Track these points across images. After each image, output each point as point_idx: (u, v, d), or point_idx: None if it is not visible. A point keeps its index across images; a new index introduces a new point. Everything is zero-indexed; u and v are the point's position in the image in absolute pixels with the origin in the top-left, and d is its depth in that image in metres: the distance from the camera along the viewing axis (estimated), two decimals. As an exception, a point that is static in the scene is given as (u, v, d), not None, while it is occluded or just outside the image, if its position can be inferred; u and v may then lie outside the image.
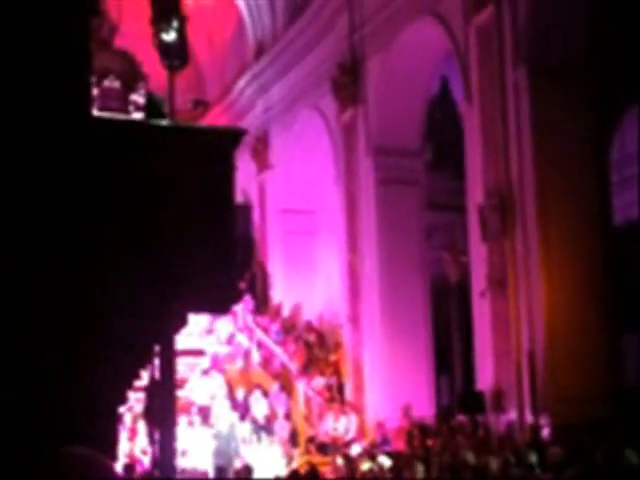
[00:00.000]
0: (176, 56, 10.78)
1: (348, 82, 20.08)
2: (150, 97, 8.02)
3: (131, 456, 15.71)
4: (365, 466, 13.99)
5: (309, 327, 21.40)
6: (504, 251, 15.05)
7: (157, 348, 5.95)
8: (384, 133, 19.49)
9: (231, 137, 5.82)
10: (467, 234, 16.84)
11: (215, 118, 25.55)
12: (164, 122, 6.62)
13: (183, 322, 5.39)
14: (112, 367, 4.97)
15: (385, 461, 13.60)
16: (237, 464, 14.81)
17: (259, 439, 17.30)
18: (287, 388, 19.40)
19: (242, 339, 21.17)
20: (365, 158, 19.75)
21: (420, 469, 10.83)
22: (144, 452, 15.21)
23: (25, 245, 4.41)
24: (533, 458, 10.68)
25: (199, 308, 6.45)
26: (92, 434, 4.19)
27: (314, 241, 23.75)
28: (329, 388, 19.14)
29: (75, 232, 4.61)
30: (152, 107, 7.11)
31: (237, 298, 6.55)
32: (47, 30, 4.55)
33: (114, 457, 4.93)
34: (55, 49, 4.61)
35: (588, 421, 12.67)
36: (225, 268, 5.46)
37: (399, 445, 16.69)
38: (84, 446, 1.58)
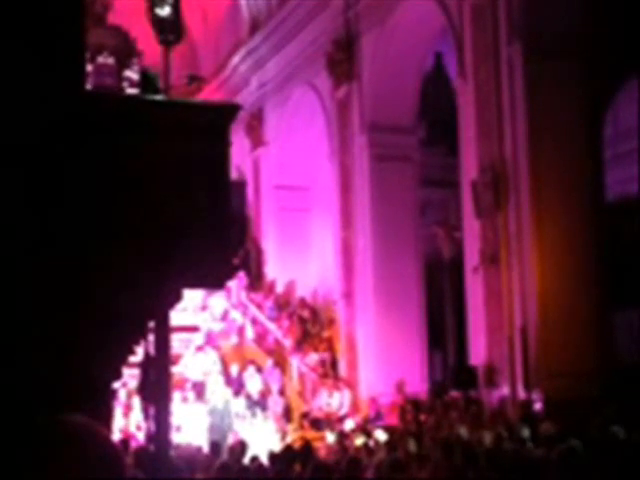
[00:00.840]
0: (170, 31, 10.73)
1: (343, 58, 20.02)
2: (144, 72, 8.00)
3: (125, 432, 15.77)
4: (359, 441, 14.07)
5: (303, 303, 21.44)
6: (497, 227, 15.09)
7: (152, 324, 5.98)
8: (378, 109, 19.46)
9: (226, 112, 5.81)
10: (460, 210, 16.87)
11: (209, 94, 25.45)
12: (159, 97, 6.61)
13: (178, 298, 5.40)
14: (106, 342, 4.99)
15: (380, 435, 13.67)
16: (230, 439, 14.88)
17: (253, 415, 17.37)
18: (281, 364, 19.47)
19: (236, 315, 21.21)
20: (359, 134, 19.73)
21: (412, 444, 10.90)
22: (138, 428, 15.28)
23: (19, 222, 4.41)
24: (525, 433, 10.75)
25: (194, 284, 6.46)
26: (86, 409, 4.22)
27: (308, 217, 23.75)
28: (323, 364, 19.20)
29: (69, 209, 4.61)
30: (147, 82, 7.08)
31: (231, 274, 6.57)
32: (40, 6, 4.53)
33: (109, 431, 4.95)
34: (48, 25, 4.59)
35: (580, 396, 12.77)
36: (220, 244, 5.47)
37: (392, 420, 16.79)
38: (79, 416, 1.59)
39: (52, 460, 1.49)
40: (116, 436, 13.98)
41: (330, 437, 15.54)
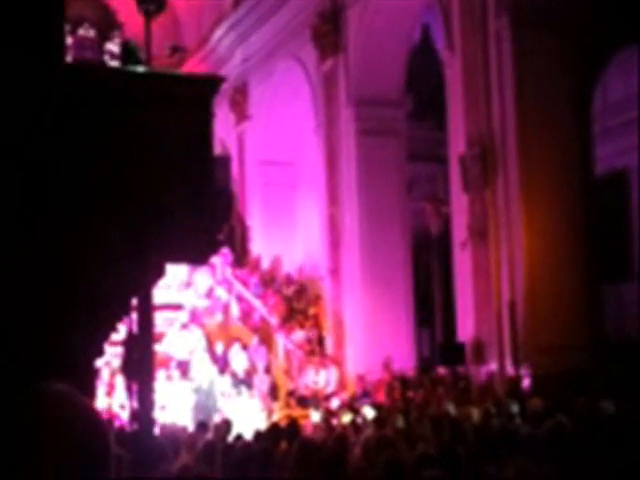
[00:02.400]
0: (151, 1, 10.55)
1: (328, 31, 19.80)
2: (126, 44, 7.82)
3: (109, 411, 15.66)
4: (346, 418, 14.01)
5: (289, 280, 21.34)
6: (485, 201, 15.01)
7: (135, 302, 5.84)
8: (365, 83, 19.29)
9: (209, 84, 5.69)
10: (448, 185, 16.77)
11: (192, 68, 25.19)
12: (140, 69, 6.44)
13: (160, 273, 5.29)
14: (89, 319, 4.87)
15: (368, 413, 13.61)
16: (216, 418, 14.79)
17: (239, 393, 17.29)
18: (267, 341, 19.38)
19: (221, 292, 21.08)
20: (345, 108, 19.56)
21: (400, 421, 10.83)
22: (122, 407, 15.17)
23: (2, 198, 4.29)
24: (514, 408, 10.71)
25: (177, 258, 6.34)
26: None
27: (294, 193, 23.61)
28: (309, 341, 19.12)
29: (51, 184, 4.50)
30: (128, 54, 6.92)
31: (216, 249, 6.45)
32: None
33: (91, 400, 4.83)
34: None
35: (568, 371, 12.76)
36: (204, 219, 5.36)
37: (379, 398, 16.74)
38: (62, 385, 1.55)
39: (35, 426, 1.48)
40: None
41: (317, 415, 15.48)
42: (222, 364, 18.44)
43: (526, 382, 13.34)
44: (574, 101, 15.08)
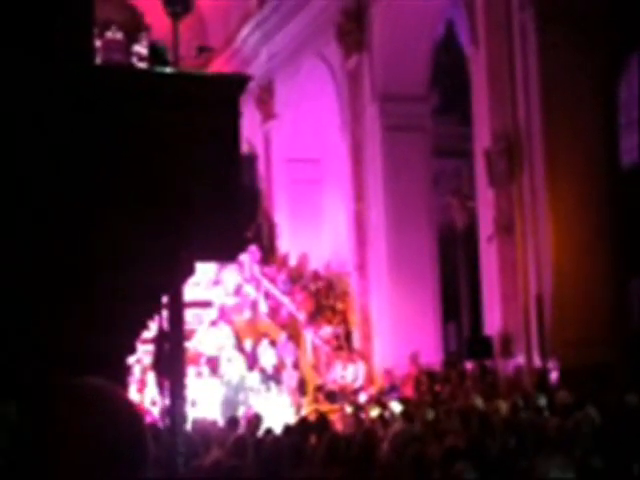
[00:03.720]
0: (178, 3, 10.65)
1: (353, 28, 19.84)
2: (153, 45, 7.92)
3: (141, 407, 15.82)
4: (374, 413, 14.07)
5: (316, 276, 21.41)
6: (511, 196, 14.99)
7: (165, 299, 5.94)
8: (390, 79, 19.31)
9: (236, 83, 5.76)
10: (474, 179, 16.77)
11: (219, 67, 25.29)
12: (168, 70, 6.54)
13: (191, 271, 5.37)
14: (121, 317, 4.97)
15: (396, 407, 13.66)
16: (241, 413, 14.88)
17: (267, 389, 17.39)
18: (295, 338, 19.46)
19: (249, 290, 21.18)
20: (371, 105, 19.59)
21: (429, 415, 10.88)
22: (153, 403, 15.31)
23: (32, 196, 4.38)
24: (542, 402, 10.73)
25: (206, 257, 6.43)
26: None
27: (320, 190, 23.66)
28: (337, 337, 19.19)
29: (82, 183, 4.58)
30: (156, 55, 7.02)
31: (244, 246, 6.55)
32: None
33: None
34: (57, 1, 4.54)
35: (595, 365, 12.73)
36: (232, 217, 5.43)
37: (407, 392, 16.77)
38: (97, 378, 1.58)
39: (73, 421, 1.48)
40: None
41: (345, 409, 15.54)
42: (251, 360, 18.55)
43: (554, 375, 13.33)
44: (599, 93, 15.02)
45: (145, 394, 16.50)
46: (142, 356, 15.20)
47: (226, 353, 18.42)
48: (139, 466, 1.52)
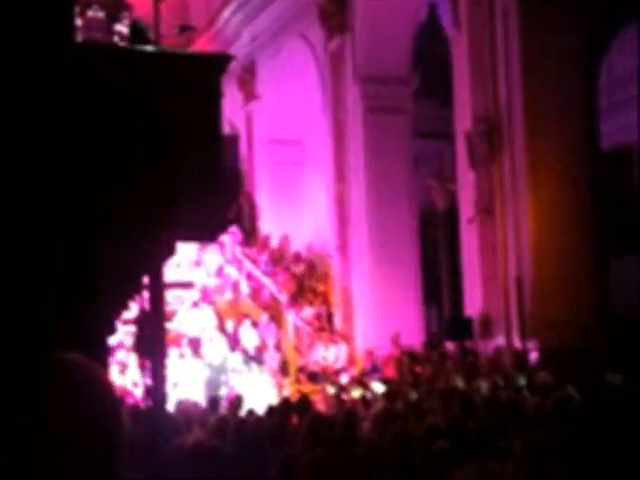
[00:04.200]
0: (159, -18, 10.58)
1: (335, 10, 19.78)
2: (135, 23, 7.89)
3: (122, 389, 15.82)
4: (356, 393, 14.14)
5: (297, 258, 21.44)
6: (492, 177, 15.05)
7: (146, 280, 5.93)
8: (372, 61, 19.29)
9: (218, 62, 5.73)
10: (455, 161, 16.81)
11: (201, 48, 25.17)
12: (149, 48, 6.51)
13: (171, 251, 5.37)
14: (101, 295, 4.95)
15: (378, 388, 13.72)
16: (223, 393, 14.91)
17: (250, 369, 17.43)
18: (277, 319, 19.51)
19: (231, 271, 21.20)
20: (352, 87, 19.58)
21: (410, 395, 10.95)
22: (135, 385, 15.31)
23: (16, 177, 4.36)
24: (521, 382, 10.82)
25: (187, 236, 6.43)
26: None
27: (302, 171, 23.65)
28: (318, 318, 19.25)
29: (61, 165, 4.56)
30: (137, 33, 6.99)
31: (225, 227, 6.55)
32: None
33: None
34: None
35: (576, 345, 12.84)
36: (213, 196, 5.42)
37: (389, 373, 16.85)
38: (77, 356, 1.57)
39: (49, 394, 1.48)
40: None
41: (332, 389, 15.61)
42: (233, 341, 18.59)
43: (533, 356, 13.43)
44: (580, 76, 15.06)
45: (127, 376, 16.51)
46: (124, 337, 15.20)
47: (208, 334, 18.45)
48: (114, 440, 1.52)
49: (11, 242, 4.31)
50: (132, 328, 8.21)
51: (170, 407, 8.98)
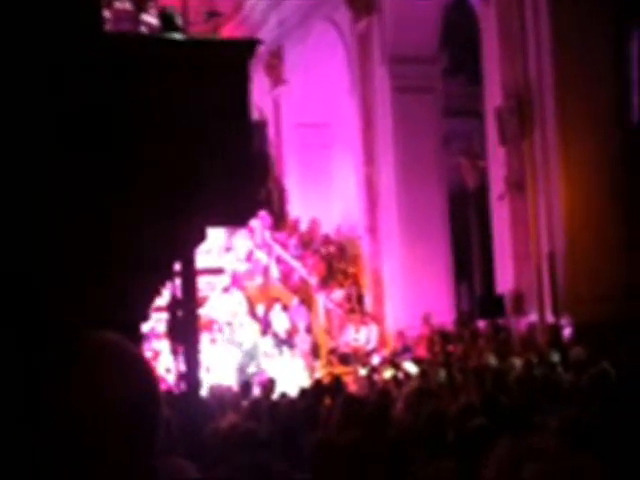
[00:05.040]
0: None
1: (362, -10, 19.70)
2: (163, 12, 7.91)
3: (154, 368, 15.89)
4: (388, 374, 14.15)
5: (327, 240, 21.45)
6: (523, 154, 14.92)
7: (177, 267, 5.96)
8: (399, 41, 19.17)
9: (246, 47, 5.74)
10: (484, 139, 16.70)
11: (229, 34, 25.14)
12: (178, 36, 6.52)
13: (202, 237, 5.40)
14: (134, 284, 4.99)
15: (411, 367, 13.72)
16: (254, 378, 14.98)
17: (281, 353, 17.49)
18: (307, 302, 19.54)
19: (261, 255, 21.24)
20: (380, 67, 19.48)
21: (442, 374, 10.93)
22: (168, 371, 15.41)
23: (42, 166, 4.39)
24: (555, 358, 10.75)
25: (218, 222, 6.46)
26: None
27: (330, 154, 23.61)
28: (349, 299, 19.26)
29: (93, 151, 4.59)
30: (166, 22, 7.02)
31: (254, 211, 6.56)
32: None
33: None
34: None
35: (609, 319, 12.70)
36: (242, 181, 5.44)
37: (420, 352, 16.84)
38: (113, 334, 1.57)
39: (87, 372, 1.47)
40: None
41: (359, 372, 15.64)
42: (264, 325, 18.66)
43: (567, 332, 13.34)
44: (612, 48, 14.83)
45: (159, 362, 16.62)
46: (156, 324, 15.29)
47: (239, 319, 18.52)
48: (154, 423, 1.51)
49: (41, 236, 4.35)
50: (164, 315, 8.24)
51: (203, 392, 9.05)
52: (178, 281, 6.50)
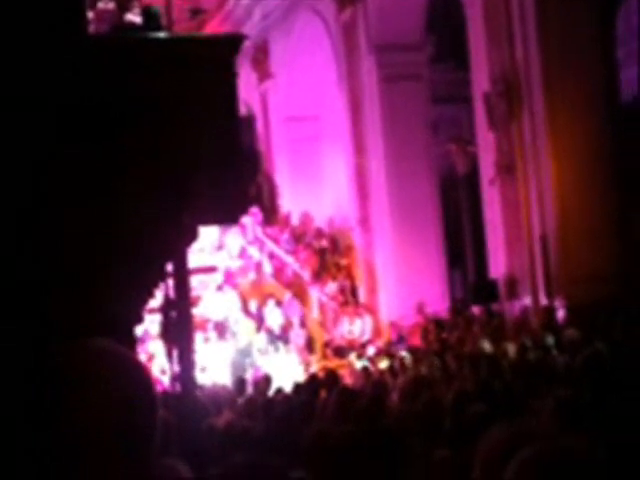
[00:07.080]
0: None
1: (345, -20, 19.64)
2: (146, 10, 7.90)
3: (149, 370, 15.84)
4: (383, 364, 14.15)
5: (319, 233, 21.42)
6: (512, 137, 14.91)
7: (170, 267, 5.94)
8: (385, 29, 19.10)
9: (231, 43, 5.73)
10: (473, 124, 16.69)
11: (213, 30, 25.05)
12: (162, 34, 6.50)
13: (194, 236, 5.39)
14: (127, 286, 4.99)
15: (407, 356, 13.71)
16: (249, 375, 14.95)
17: (276, 349, 17.47)
18: (300, 296, 19.51)
19: (253, 252, 21.20)
20: (367, 56, 19.42)
21: (436, 362, 10.92)
22: (163, 372, 15.39)
23: (33, 166, 4.38)
24: (549, 340, 10.74)
25: (209, 220, 6.44)
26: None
27: (319, 146, 23.56)
28: (342, 292, 19.24)
29: (80, 151, 4.58)
30: (149, 20, 7.01)
31: (246, 207, 6.56)
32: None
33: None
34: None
35: (602, 300, 12.70)
36: (232, 178, 5.43)
37: (415, 342, 16.83)
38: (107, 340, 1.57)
39: (80, 380, 1.47)
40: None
41: (359, 363, 15.63)
42: (257, 322, 18.64)
43: (560, 313, 13.34)
44: (597, 27, 14.78)
45: (154, 364, 16.58)
46: (149, 326, 15.26)
47: (233, 317, 18.50)
48: (148, 424, 1.52)
49: (34, 236, 4.34)
50: (157, 316, 8.23)
51: (198, 392, 9.03)
52: (171, 281, 6.48)
